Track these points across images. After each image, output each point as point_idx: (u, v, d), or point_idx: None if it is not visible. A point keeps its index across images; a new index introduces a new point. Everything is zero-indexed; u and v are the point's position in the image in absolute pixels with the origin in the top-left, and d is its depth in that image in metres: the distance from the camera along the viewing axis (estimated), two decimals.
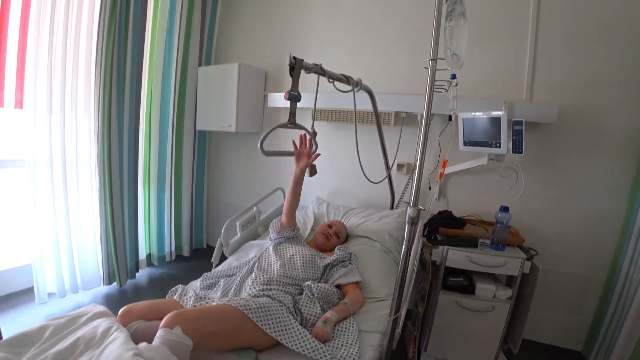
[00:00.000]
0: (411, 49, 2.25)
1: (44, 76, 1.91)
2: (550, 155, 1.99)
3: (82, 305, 1.70)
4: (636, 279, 1.67)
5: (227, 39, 2.97)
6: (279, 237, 1.74)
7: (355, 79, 1.46)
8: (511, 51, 2.01)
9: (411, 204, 1.14)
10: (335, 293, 1.48)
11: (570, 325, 2.06)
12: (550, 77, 1.95)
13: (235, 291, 1.44)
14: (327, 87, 1.42)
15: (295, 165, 1.63)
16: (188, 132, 2.85)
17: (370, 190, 2.35)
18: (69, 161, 2.11)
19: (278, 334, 1.15)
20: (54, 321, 1.05)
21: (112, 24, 2.03)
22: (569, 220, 2.00)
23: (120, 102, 2.20)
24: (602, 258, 1.96)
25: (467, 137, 1.87)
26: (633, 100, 1.82)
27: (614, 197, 1.90)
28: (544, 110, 1.83)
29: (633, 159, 1.85)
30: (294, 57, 1.16)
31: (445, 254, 1.71)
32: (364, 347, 1.24)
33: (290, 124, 1.26)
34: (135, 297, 2.37)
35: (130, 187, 2.39)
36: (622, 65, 1.82)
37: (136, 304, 1.21)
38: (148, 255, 2.78)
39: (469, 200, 2.17)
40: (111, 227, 2.26)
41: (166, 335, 0.94)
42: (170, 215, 2.84)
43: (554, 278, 2.02)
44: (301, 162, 1.61)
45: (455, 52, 1.41)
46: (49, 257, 2.09)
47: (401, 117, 2.23)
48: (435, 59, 1.11)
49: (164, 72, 2.56)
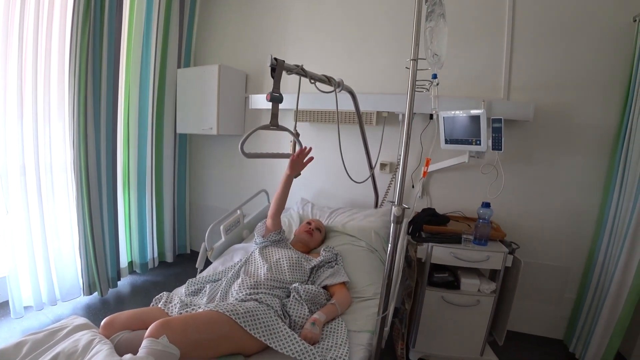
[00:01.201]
0: (392, 49, 2.27)
1: (13, 79, 1.83)
2: (529, 151, 2.05)
3: (61, 318, 1.64)
4: (611, 269, 1.74)
5: (207, 40, 2.92)
6: (264, 240, 1.73)
7: (337, 79, 1.46)
8: (489, 51, 2.06)
9: (395, 203, 1.15)
10: (323, 294, 1.48)
11: (551, 315, 2.13)
12: (526, 76, 2.01)
13: (221, 296, 1.42)
14: (309, 87, 1.41)
15: (288, 170, 1.63)
16: (168, 136, 2.79)
17: (354, 190, 2.36)
18: (43, 168, 2.03)
19: (267, 338, 1.14)
20: (31, 336, 1.00)
21: (86, 24, 1.96)
22: (548, 214, 2.06)
23: (96, 105, 2.13)
24: (579, 250, 2.03)
25: (448, 135, 1.91)
26: (605, 98, 1.90)
27: (589, 191, 1.98)
28: (521, 108, 1.89)
29: (605, 154, 1.93)
30: (275, 58, 1.16)
31: (430, 251, 1.73)
32: (353, 347, 1.24)
33: (272, 125, 1.25)
34: (117, 306, 2.30)
35: (110, 193, 2.32)
36: (595, 65, 1.89)
37: (119, 314, 1.17)
38: (130, 263, 2.70)
39: (451, 197, 2.21)
40: (90, 235, 2.18)
41: (152, 345, 0.92)
42: (152, 220, 2.77)
43: (535, 270, 2.08)
44: (294, 170, 1.61)
45: (435, 52, 1.43)
46: (24, 268, 2.00)
47: (383, 116, 2.25)
48: (417, 59, 1.12)
49: (142, 74, 2.50)
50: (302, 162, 1.57)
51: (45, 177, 2.05)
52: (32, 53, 1.88)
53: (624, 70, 1.81)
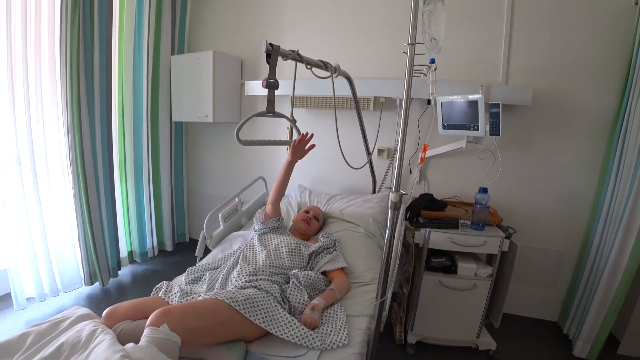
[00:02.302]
0: (389, 33, 2.23)
1: (3, 68, 1.79)
2: (526, 136, 2.04)
3: (64, 308, 1.66)
4: (606, 253, 1.76)
5: (200, 26, 2.86)
6: (263, 227, 1.73)
7: (334, 64, 1.44)
8: (487, 35, 2.02)
9: (393, 189, 1.15)
10: (322, 280, 1.50)
11: (546, 297, 2.17)
12: (525, 61, 1.98)
13: (221, 284, 1.43)
14: (305, 73, 1.39)
15: (289, 156, 1.61)
16: (164, 124, 2.76)
17: (352, 175, 2.36)
18: (39, 158, 2.01)
19: (267, 324, 1.15)
20: (35, 327, 1.01)
21: (75, 10, 1.91)
22: (545, 198, 2.08)
23: (89, 93, 2.09)
24: (575, 234, 2.05)
25: (445, 120, 1.90)
26: (602, 83, 1.88)
27: (585, 176, 1.98)
28: (519, 92, 1.88)
29: (602, 139, 1.92)
30: (271, 43, 1.14)
31: (427, 236, 1.74)
32: (352, 331, 1.26)
33: (269, 112, 1.24)
34: (119, 296, 2.32)
35: (107, 182, 2.31)
36: (593, 49, 1.86)
37: (121, 304, 1.18)
38: (130, 253, 2.72)
39: (449, 182, 2.22)
40: (89, 225, 2.18)
41: (153, 334, 0.93)
42: (150, 209, 2.77)
43: (531, 254, 2.11)
44: (296, 156, 1.59)
45: (433, 36, 1.41)
46: (25, 260, 2.01)
47: (380, 102, 2.23)
48: (414, 43, 1.10)
49: (135, 62, 2.46)
50: (304, 148, 1.55)
51: (41, 168, 2.03)
52: (21, 41, 1.84)
53: (624, 54, 1.79)
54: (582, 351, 1.83)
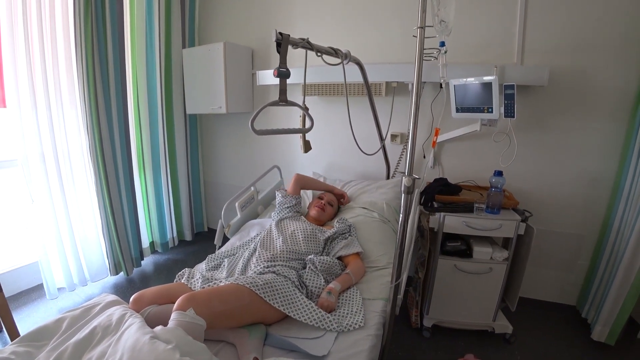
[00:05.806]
0: (399, 17, 2.19)
1: (23, 72, 1.85)
2: (542, 118, 1.99)
3: (92, 297, 1.74)
4: (626, 236, 1.71)
5: (210, 18, 2.88)
6: (283, 201, 1.86)
7: (344, 51, 1.44)
8: (501, 14, 1.96)
9: (406, 174, 1.16)
10: (338, 265, 1.53)
11: (564, 281, 2.14)
12: (541, 40, 1.91)
13: (241, 270, 1.48)
14: (316, 60, 1.39)
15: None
16: (178, 117, 2.81)
17: (366, 161, 2.35)
18: (62, 156, 2.10)
19: (286, 307, 1.19)
20: (69, 313, 1.08)
21: (88, 11, 1.96)
22: (562, 181, 2.03)
23: (106, 91, 2.16)
24: (594, 217, 2.01)
25: (459, 103, 1.87)
26: (623, 61, 1.80)
27: (605, 158, 1.93)
28: (535, 73, 1.82)
29: (623, 119, 1.85)
30: (280, 32, 1.14)
31: (442, 221, 1.74)
32: (368, 314, 1.29)
33: (281, 101, 1.25)
34: (143, 284, 2.42)
35: (126, 176, 2.39)
36: (613, 26, 1.78)
37: (146, 290, 1.25)
38: (151, 243, 2.82)
39: (463, 166, 2.20)
40: (112, 218, 2.27)
41: (180, 317, 0.98)
42: (169, 201, 2.85)
43: (548, 238, 2.08)
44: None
45: (443, 18, 1.39)
46: (54, 253, 2.12)
47: (392, 87, 2.22)
48: (424, 26, 1.10)
49: (148, 57, 2.50)
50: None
51: (64, 165, 2.12)
52: (39, 45, 1.90)
53: None
54: (600, 335, 1.80)
